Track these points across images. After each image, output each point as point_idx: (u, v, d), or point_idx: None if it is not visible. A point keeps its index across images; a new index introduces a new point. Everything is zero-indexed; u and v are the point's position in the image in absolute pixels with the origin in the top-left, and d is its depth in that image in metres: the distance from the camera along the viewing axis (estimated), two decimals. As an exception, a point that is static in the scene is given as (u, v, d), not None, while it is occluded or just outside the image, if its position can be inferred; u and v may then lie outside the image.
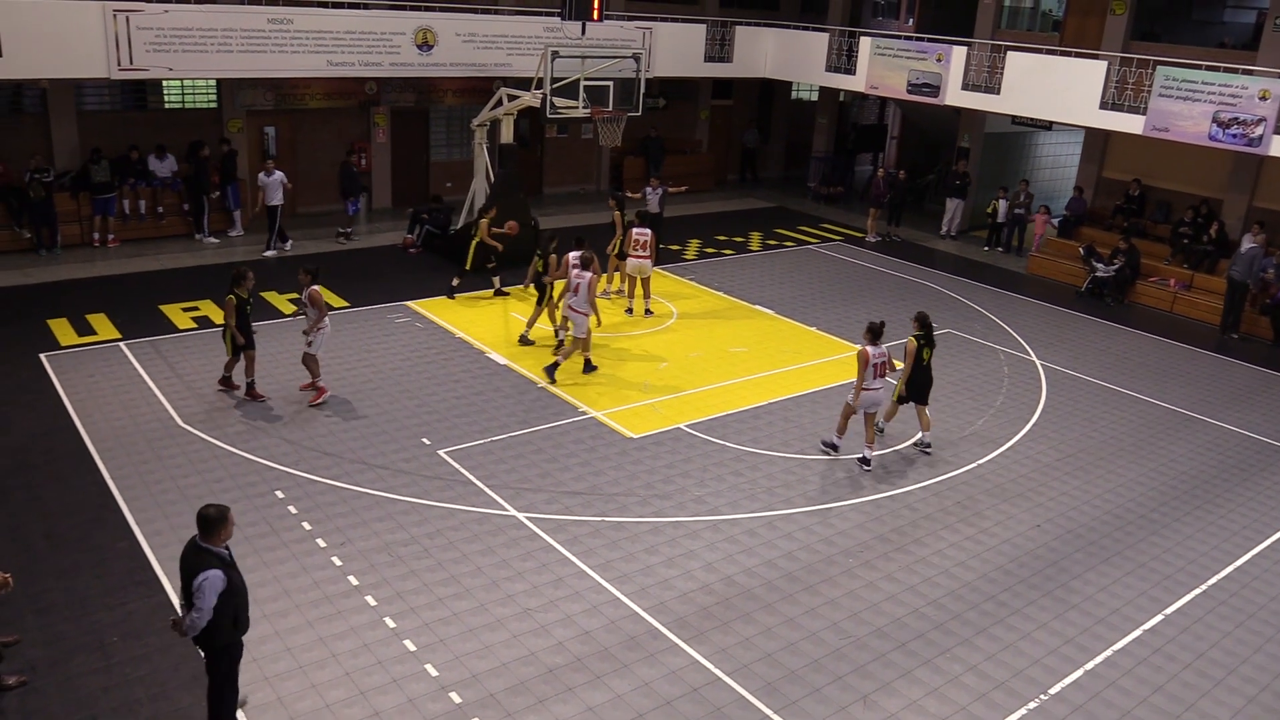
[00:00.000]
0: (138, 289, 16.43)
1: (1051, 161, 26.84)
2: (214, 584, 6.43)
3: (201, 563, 6.48)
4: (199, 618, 6.46)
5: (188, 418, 11.99)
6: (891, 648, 8.68)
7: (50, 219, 17.86)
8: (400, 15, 19.96)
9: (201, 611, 6.44)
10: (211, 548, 6.54)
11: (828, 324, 16.94)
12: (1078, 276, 20.39)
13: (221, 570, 6.49)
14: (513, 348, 14.83)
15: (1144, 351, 16.93)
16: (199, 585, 6.40)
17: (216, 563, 6.50)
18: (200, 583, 6.40)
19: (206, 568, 6.44)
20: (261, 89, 20.37)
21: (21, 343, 13.88)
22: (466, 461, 11.35)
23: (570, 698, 7.79)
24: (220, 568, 6.49)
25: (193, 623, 6.48)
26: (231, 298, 12.06)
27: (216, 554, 6.54)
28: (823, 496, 11.17)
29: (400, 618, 8.58)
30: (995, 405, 14.08)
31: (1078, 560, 10.30)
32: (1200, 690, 8.46)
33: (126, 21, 16.84)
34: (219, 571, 6.47)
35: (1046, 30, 24.09)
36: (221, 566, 6.51)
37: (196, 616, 6.46)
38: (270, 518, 9.95)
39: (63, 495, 10.17)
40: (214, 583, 6.43)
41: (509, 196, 18.54)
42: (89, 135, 18.84)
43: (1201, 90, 17.74)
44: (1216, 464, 12.77)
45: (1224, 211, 20.16)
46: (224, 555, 6.60)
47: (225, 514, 6.58)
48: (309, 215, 21.81)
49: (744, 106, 29.31)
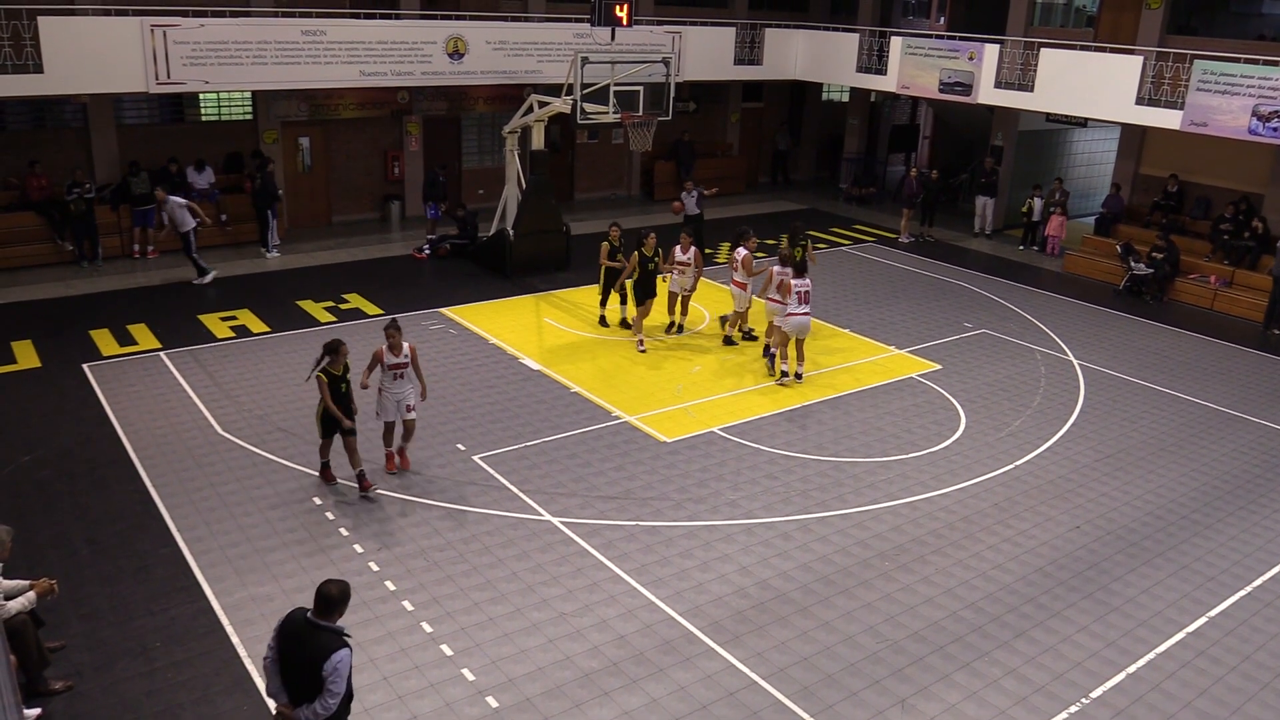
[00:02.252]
0: (177, 299, 16.68)
1: (1087, 159, 26.52)
2: (348, 664, 5.85)
3: (327, 643, 5.83)
4: (334, 703, 5.85)
5: (227, 426, 12.15)
6: (929, 651, 8.61)
7: (91, 232, 18.18)
8: (431, 25, 20.13)
9: (337, 696, 5.84)
10: (331, 626, 5.91)
11: (861, 326, 16.85)
12: (1115, 275, 20.13)
13: (350, 648, 5.91)
14: (547, 353, 14.88)
15: (1184, 350, 16.68)
16: (333, 669, 5.77)
17: (342, 642, 5.88)
18: (336, 665, 5.77)
19: (334, 648, 5.81)
20: (296, 100, 20.62)
21: (65, 353, 14.14)
22: (501, 467, 11.40)
23: (606, 702, 7.80)
24: (347, 646, 5.89)
25: (327, 710, 5.84)
26: (322, 375, 10.21)
27: (338, 631, 5.91)
28: (858, 499, 11.11)
29: (437, 622, 8.64)
30: (1033, 405, 13.93)
31: (1118, 562, 10.16)
32: (1246, 694, 8.31)
33: (164, 36, 17.13)
34: (349, 651, 5.89)
35: (1080, 26, 23.80)
36: (347, 645, 5.91)
37: (332, 702, 5.83)
38: (308, 524, 10.06)
39: (105, 502, 10.34)
40: (348, 663, 5.85)
41: (540, 202, 18.66)
42: (128, 148, 19.17)
43: (1240, 84, 17.45)
44: (1260, 464, 12.55)
45: (1265, 207, 19.81)
46: (344, 631, 5.96)
47: (347, 592, 5.97)
48: (344, 224, 22.05)
49: (775, 109, 29.23)
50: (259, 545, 9.63)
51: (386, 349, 10.70)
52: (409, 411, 10.99)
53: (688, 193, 19.73)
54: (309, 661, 5.82)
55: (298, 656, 5.89)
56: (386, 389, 10.83)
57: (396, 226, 22.18)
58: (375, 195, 22.59)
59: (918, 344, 16.10)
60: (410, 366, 10.81)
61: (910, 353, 15.68)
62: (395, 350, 10.70)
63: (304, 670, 5.86)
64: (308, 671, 5.84)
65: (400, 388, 10.84)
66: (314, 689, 5.84)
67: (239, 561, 9.36)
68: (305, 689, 5.89)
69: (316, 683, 5.82)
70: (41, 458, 11.22)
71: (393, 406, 10.89)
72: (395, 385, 10.81)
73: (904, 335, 16.47)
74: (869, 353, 15.65)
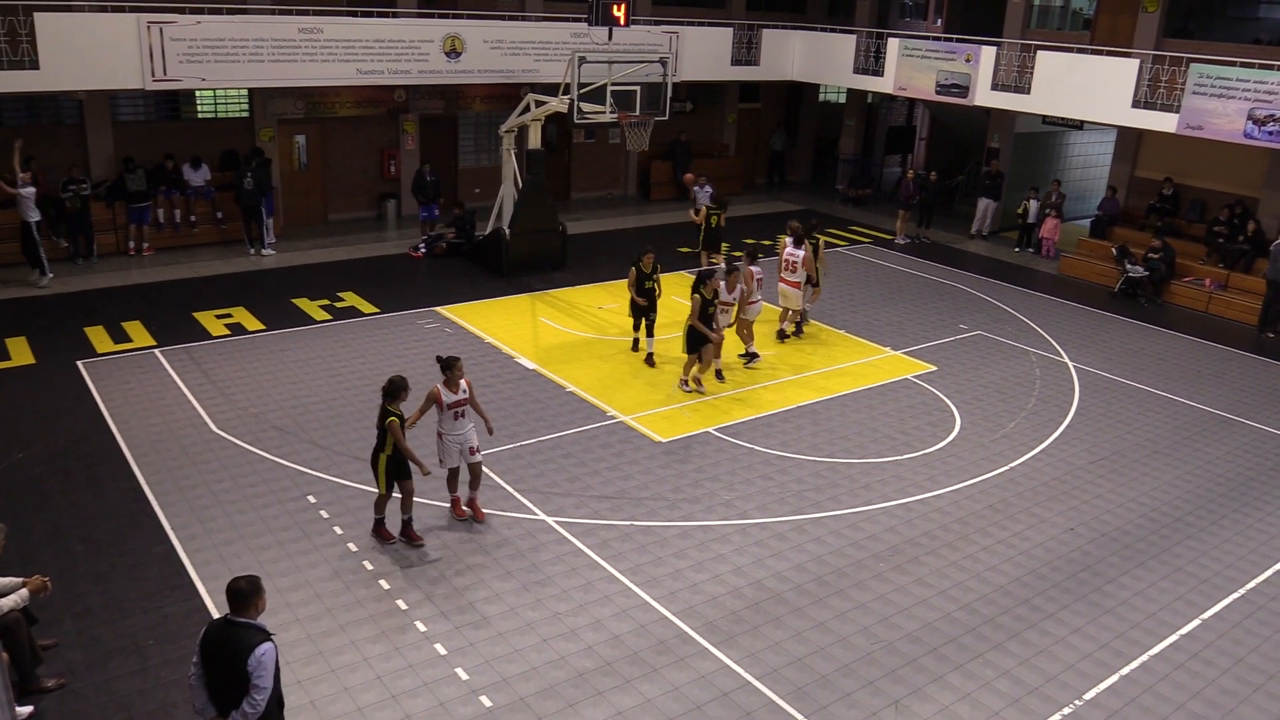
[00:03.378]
0: (172, 297, 16.65)
1: (1083, 161, 26.56)
2: (272, 658, 5.78)
3: (247, 639, 5.78)
4: (261, 699, 5.73)
5: (221, 424, 12.13)
6: (923, 652, 8.62)
7: (86, 228, 18.14)
8: (429, 23, 20.11)
9: (264, 691, 5.73)
10: (252, 622, 5.87)
11: (857, 327, 16.86)
12: (1110, 277, 20.16)
13: (273, 642, 5.84)
14: (542, 352, 14.87)
15: (1179, 352, 16.71)
16: (257, 662, 5.69)
17: (263, 636, 5.82)
18: (260, 658, 5.70)
19: (256, 642, 5.76)
20: (292, 98, 20.59)
21: (59, 350, 14.10)
22: (495, 466, 11.39)
23: (600, 702, 7.80)
24: (269, 640, 5.83)
25: (255, 707, 5.73)
26: (394, 420, 9.25)
27: (259, 627, 5.87)
28: (852, 500, 11.12)
29: (431, 621, 8.63)
30: (1027, 408, 13.95)
31: (1112, 564, 10.17)
32: (1239, 696, 8.33)
33: (160, 33, 17.09)
34: (272, 644, 5.82)
35: (1077, 29, 23.86)
36: (269, 638, 5.84)
37: (259, 698, 5.72)
38: (303, 522, 10.04)
39: (99, 500, 10.32)
40: (272, 656, 5.78)
41: (537, 201, 18.65)
42: (124, 145, 19.13)
43: (1236, 87, 17.50)
44: (1254, 466, 12.57)
45: (1260, 210, 19.85)
46: (264, 627, 5.91)
47: (257, 584, 5.92)
48: (340, 222, 22.02)
49: (771, 109, 29.25)
50: (253, 543, 9.61)
51: (443, 387, 9.72)
52: (473, 454, 10.00)
53: (700, 187, 19.89)
54: (233, 662, 5.74)
55: (221, 660, 5.82)
56: (446, 432, 9.84)
57: (393, 225, 22.15)
58: (371, 194, 22.56)
59: (913, 345, 16.12)
60: (469, 403, 9.90)
61: (906, 354, 15.70)
62: (453, 387, 9.73)
63: (229, 673, 5.78)
64: (233, 673, 5.76)
65: (461, 428, 9.86)
66: (242, 691, 5.75)
67: (233, 560, 9.33)
68: (234, 694, 5.80)
69: (243, 683, 5.74)
70: (35, 455, 11.19)
71: (455, 451, 9.92)
72: (456, 426, 9.84)
73: (899, 336, 16.49)
74: (865, 354, 15.66)
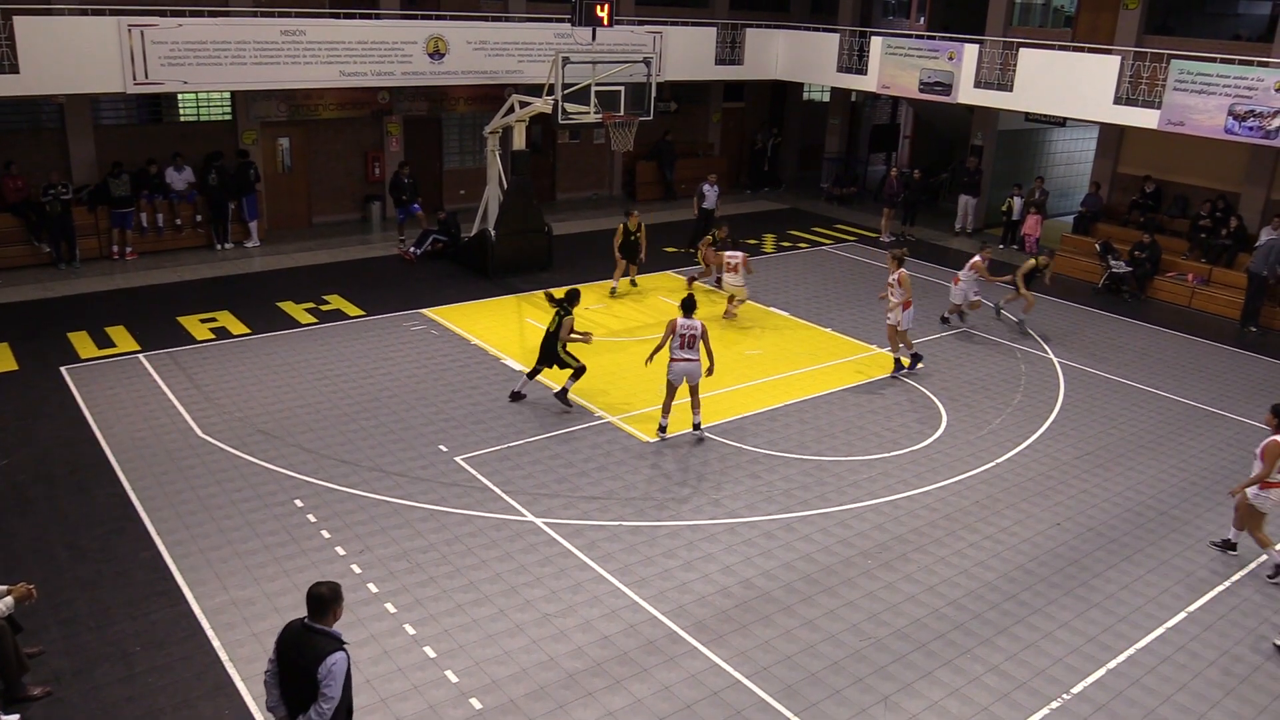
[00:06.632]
0: (156, 301, 16.55)
1: (1066, 158, 26.70)
2: (343, 668, 5.77)
3: (321, 646, 5.75)
4: (329, 708, 5.74)
5: (207, 428, 12.07)
6: (912, 649, 8.65)
7: (69, 233, 18.03)
8: (412, 25, 20.05)
9: (333, 700, 5.74)
10: (327, 630, 5.84)
11: (842, 325, 16.90)
12: (1094, 273, 20.27)
13: (346, 653, 5.83)
14: (529, 354, 14.84)
15: (1163, 347, 16.81)
16: (327, 671, 5.69)
17: (337, 645, 5.80)
18: (331, 667, 5.69)
19: (329, 651, 5.73)
20: (275, 100, 20.50)
21: (42, 356, 14.01)
22: (484, 468, 11.37)
23: (590, 702, 7.80)
24: (343, 649, 5.82)
25: (322, 716, 5.75)
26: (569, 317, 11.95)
27: (334, 635, 5.85)
28: (840, 498, 11.15)
29: (420, 624, 8.61)
30: (1013, 404, 14.01)
31: (1098, 558, 10.23)
32: (1225, 688, 8.39)
33: (141, 36, 16.99)
34: (345, 654, 5.81)
35: (1059, 26, 23.95)
36: (343, 648, 5.84)
37: (327, 707, 5.74)
38: (289, 526, 10.00)
39: (84, 506, 10.25)
40: (343, 666, 5.77)
41: (522, 202, 18.63)
42: (106, 150, 19.01)
43: (1217, 83, 17.61)
44: (1237, 459, 12.65)
45: (1241, 205, 20.00)
46: (339, 636, 5.89)
47: (338, 591, 5.89)
48: (325, 225, 21.94)
49: (756, 109, 29.29)
50: (240, 548, 9.57)
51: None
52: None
53: (710, 185, 20.09)
54: (305, 667, 5.76)
55: (295, 663, 5.83)
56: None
57: (377, 227, 22.08)
58: (356, 196, 22.49)
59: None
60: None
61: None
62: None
63: (301, 677, 5.80)
64: (305, 678, 5.77)
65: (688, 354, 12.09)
66: (311, 698, 5.77)
67: (220, 565, 9.29)
68: (305, 698, 5.81)
69: (313, 689, 5.75)
70: (19, 461, 11.11)
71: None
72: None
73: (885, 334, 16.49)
74: (850, 351, 15.70)
